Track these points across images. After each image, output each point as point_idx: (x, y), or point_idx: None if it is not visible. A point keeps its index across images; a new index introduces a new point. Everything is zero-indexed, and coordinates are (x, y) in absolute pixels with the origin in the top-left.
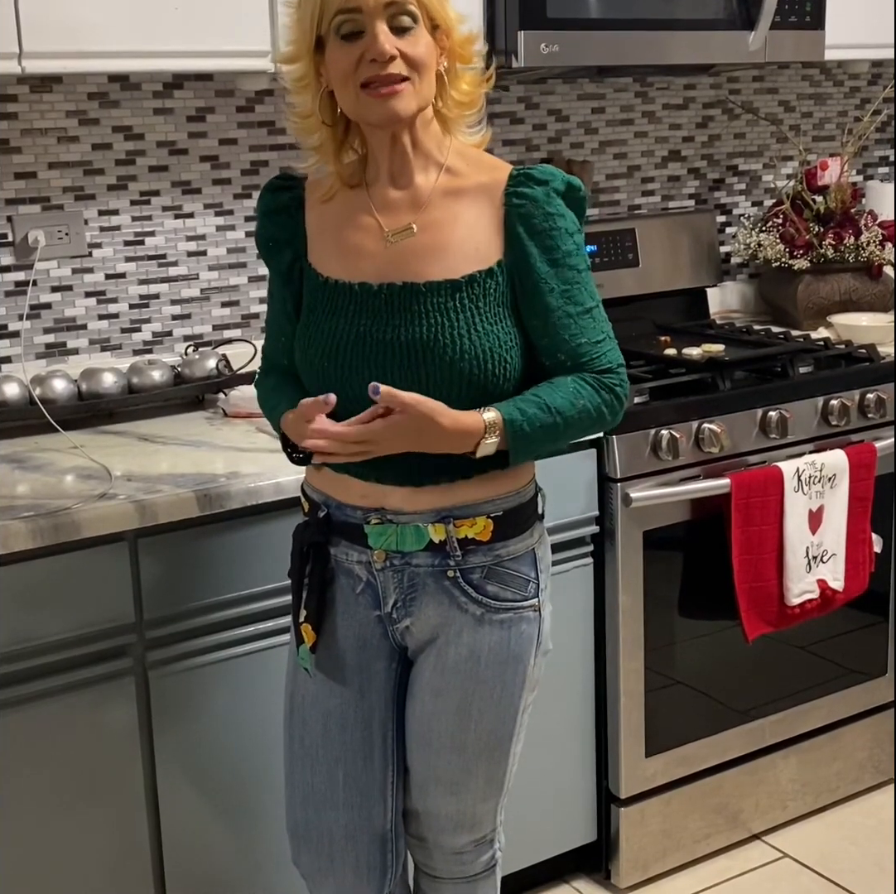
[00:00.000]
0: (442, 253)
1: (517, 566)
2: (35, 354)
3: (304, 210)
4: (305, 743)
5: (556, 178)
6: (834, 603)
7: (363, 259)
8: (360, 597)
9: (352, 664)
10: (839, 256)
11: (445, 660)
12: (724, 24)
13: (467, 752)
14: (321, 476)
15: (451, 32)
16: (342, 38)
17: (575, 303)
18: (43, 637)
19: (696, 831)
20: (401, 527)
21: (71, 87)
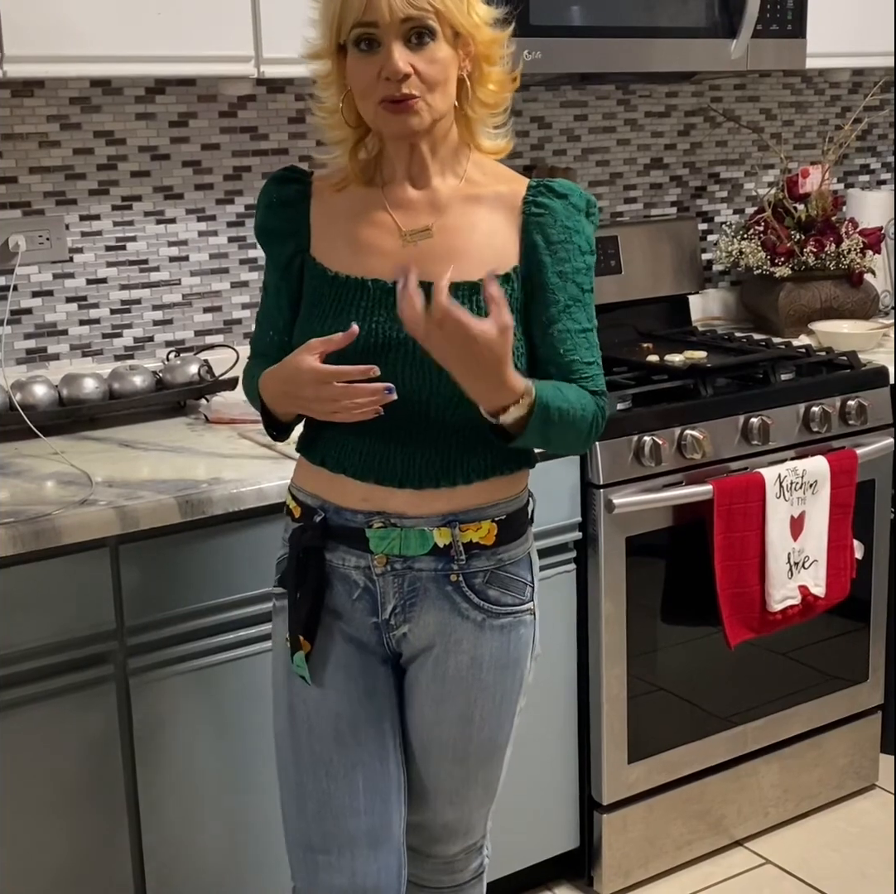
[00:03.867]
0: (459, 257)
1: (517, 570)
2: (15, 360)
3: (309, 203)
4: (316, 750)
5: (575, 192)
6: (815, 609)
7: (376, 256)
8: (356, 604)
9: (356, 666)
10: (820, 264)
11: (445, 668)
12: (707, 32)
13: (469, 761)
14: (316, 478)
15: (475, 35)
16: (361, 51)
17: (574, 321)
18: (23, 643)
19: (679, 837)
20: (405, 531)
21: (52, 91)
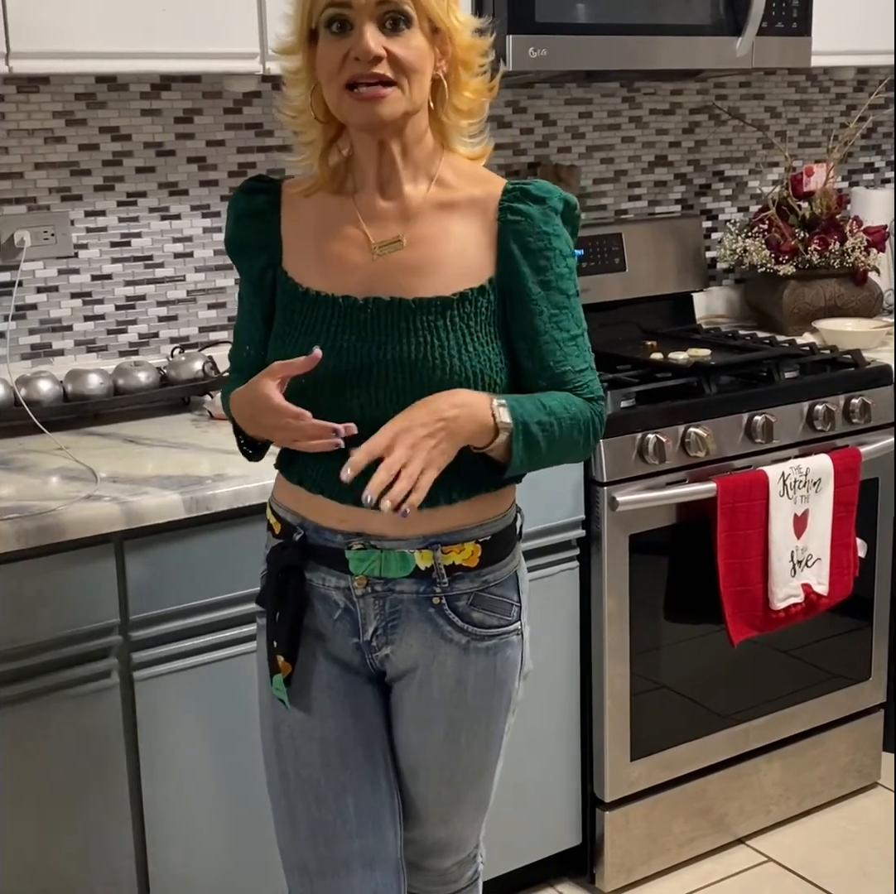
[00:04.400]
0: (432, 269)
1: (502, 591)
2: (20, 355)
3: (279, 214)
4: (303, 775)
5: (554, 195)
6: (818, 607)
7: (347, 271)
8: (337, 624)
9: (340, 688)
10: (824, 262)
11: (430, 690)
12: (712, 29)
13: (456, 782)
14: (295, 496)
15: (455, 37)
16: (332, 33)
17: (561, 329)
18: (28, 638)
19: (681, 835)
20: (385, 554)
21: (58, 87)
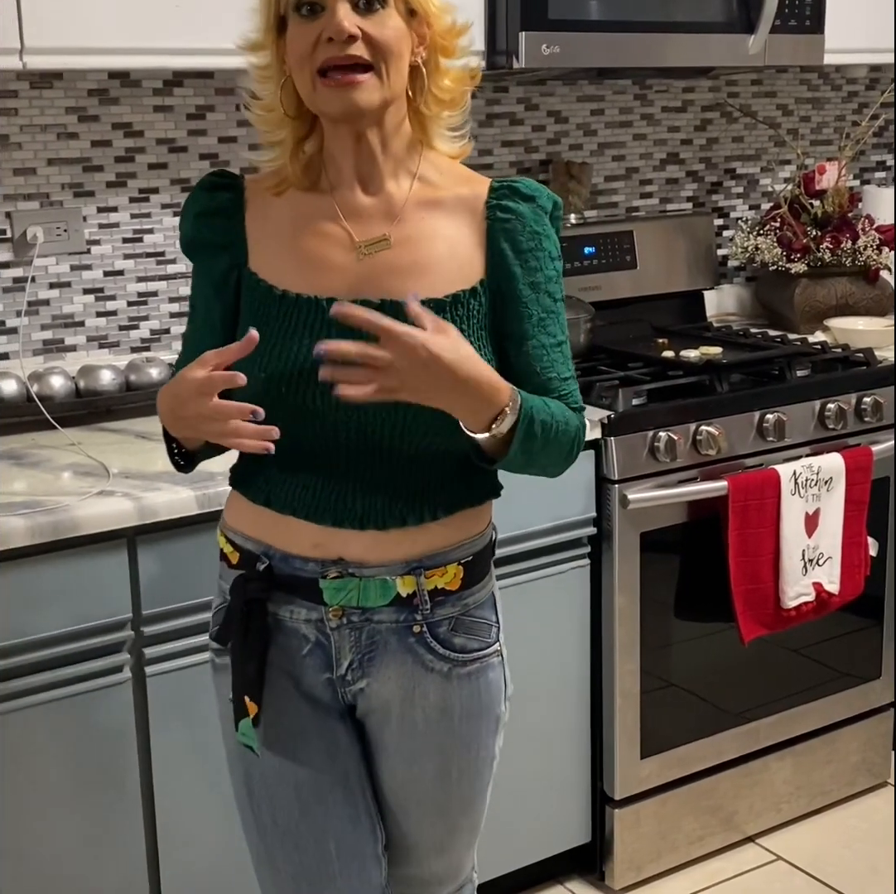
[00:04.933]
0: (422, 270)
1: (482, 612)
2: (33, 351)
3: (243, 212)
4: (280, 822)
5: (542, 194)
6: (829, 606)
7: (329, 272)
8: (306, 660)
9: (311, 728)
10: (836, 260)
11: (414, 723)
12: (724, 27)
13: (451, 814)
14: (257, 520)
15: (433, 21)
16: (301, 16)
17: (549, 334)
18: (40, 633)
19: (691, 833)
20: (364, 581)
21: (71, 83)
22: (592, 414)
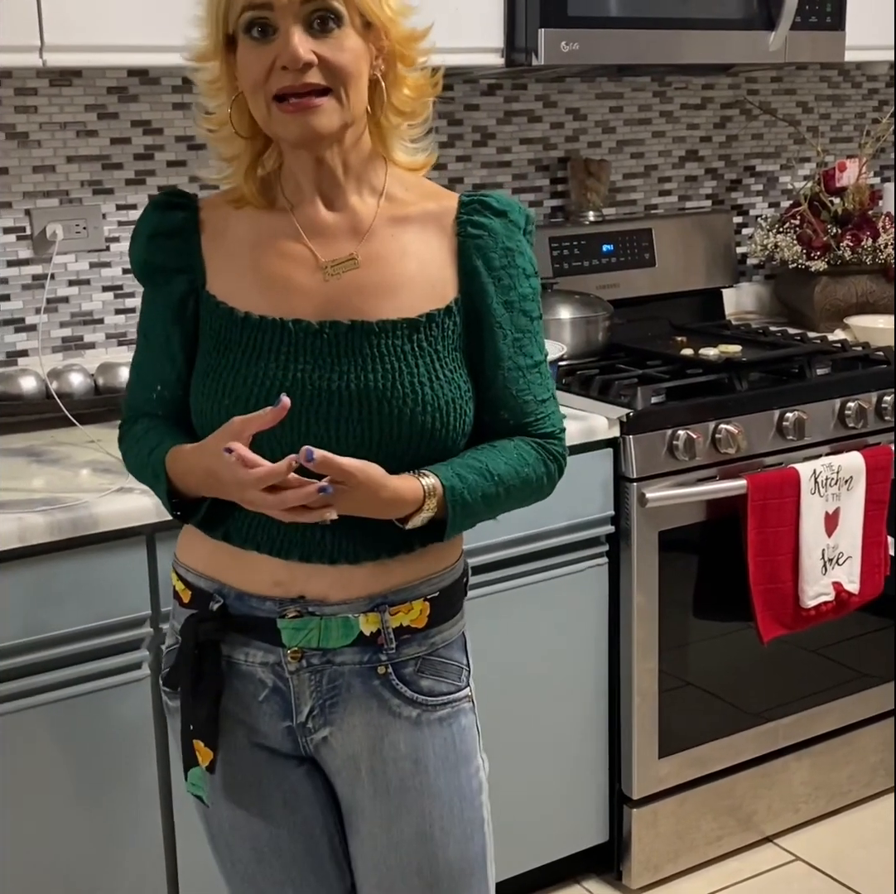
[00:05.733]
0: (393, 289)
1: (450, 653)
2: (52, 348)
3: (199, 233)
4: (239, 869)
5: (514, 209)
6: (849, 605)
7: (294, 293)
8: (263, 706)
9: (268, 779)
10: (856, 258)
11: (387, 779)
12: (744, 24)
13: (442, 885)
14: (211, 556)
15: (390, 29)
16: (252, 38)
17: (525, 355)
18: (59, 629)
19: (709, 833)
20: (325, 621)
21: (90, 81)
22: (611, 412)
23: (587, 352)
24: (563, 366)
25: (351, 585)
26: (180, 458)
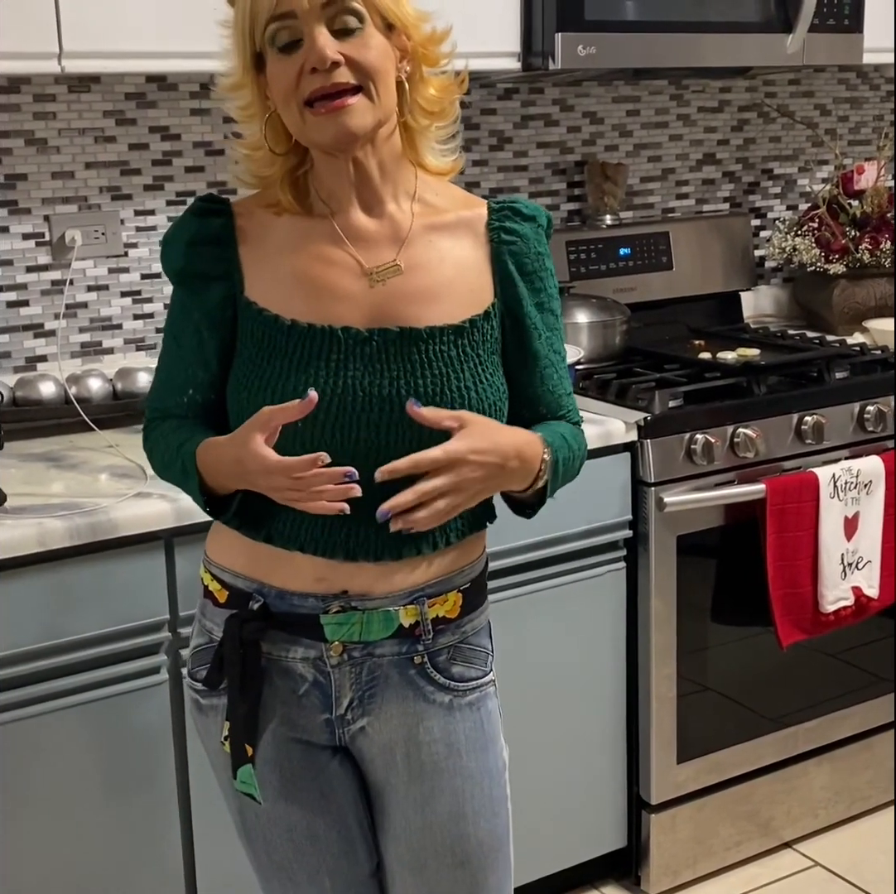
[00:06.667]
0: (436, 296)
1: (478, 640)
2: (71, 353)
3: (236, 238)
4: (275, 859)
5: (541, 213)
6: (868, 610)
7: (340, 300)
8: (303, 700)
9: (305, 772)
10: (875, 261)
11: (421, 762)
12: (762, 26)
13: (472, 864)
14: (250, 556)
15: (412, 32)
16: (280, 51)
17: (555, 352)
18: (78, 634)
19: (727, 838)
20: (367, 614)
21: (109, 87)
22: (629, 416)
23: (604, 356)
24: (581, 369)
25: (393, 580)
26: (210, 449)
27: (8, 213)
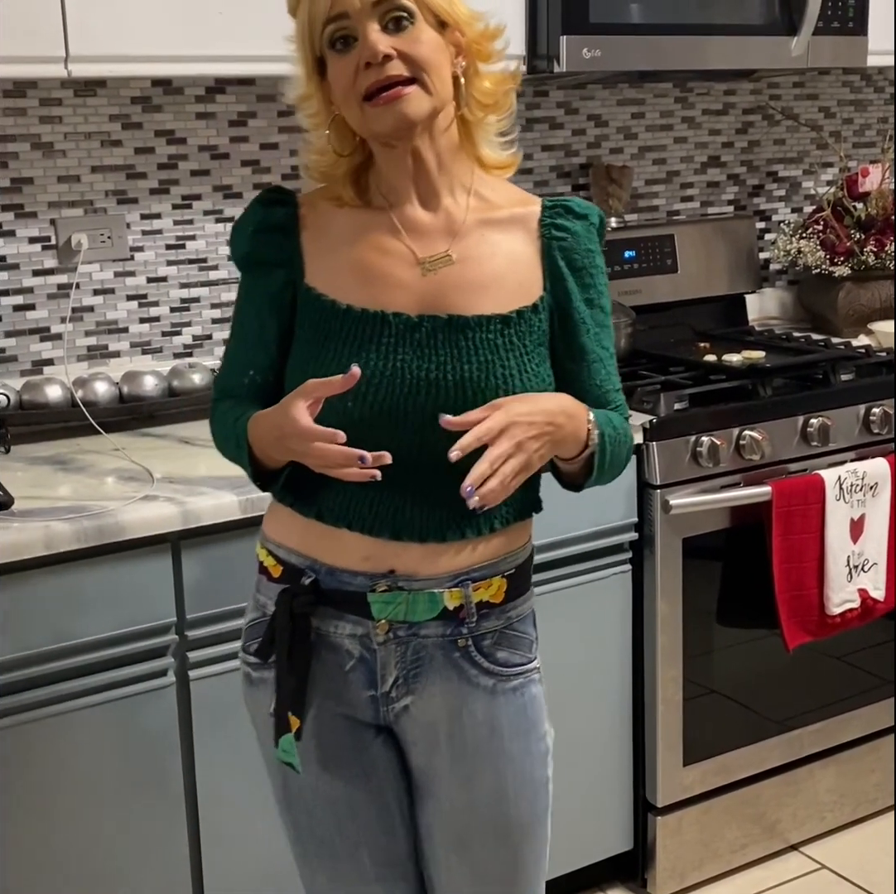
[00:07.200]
0: (485, 287)
1: (523, 627)
2: (77, 357)
3: (299, 227)
4: (317, 833)
5: (593, 212)
6: (875, 612)
7: (393, 288)
8: (349, 676)
9: (349, 748)
10: (880, 263)
11: (464, 744)
12: (766, 29)
13: (512, 842)
14: (303, 533)
15: (465, 29)
16: (337, 51)
17: (604, 347)
18: (85, 636)
19: (734, 841)
20: (412, 595)
21: (114, 91)
22: (634, 418)
23: None
24: None
25: (438, 562)
26: (259, 419)
27: (14, 217)
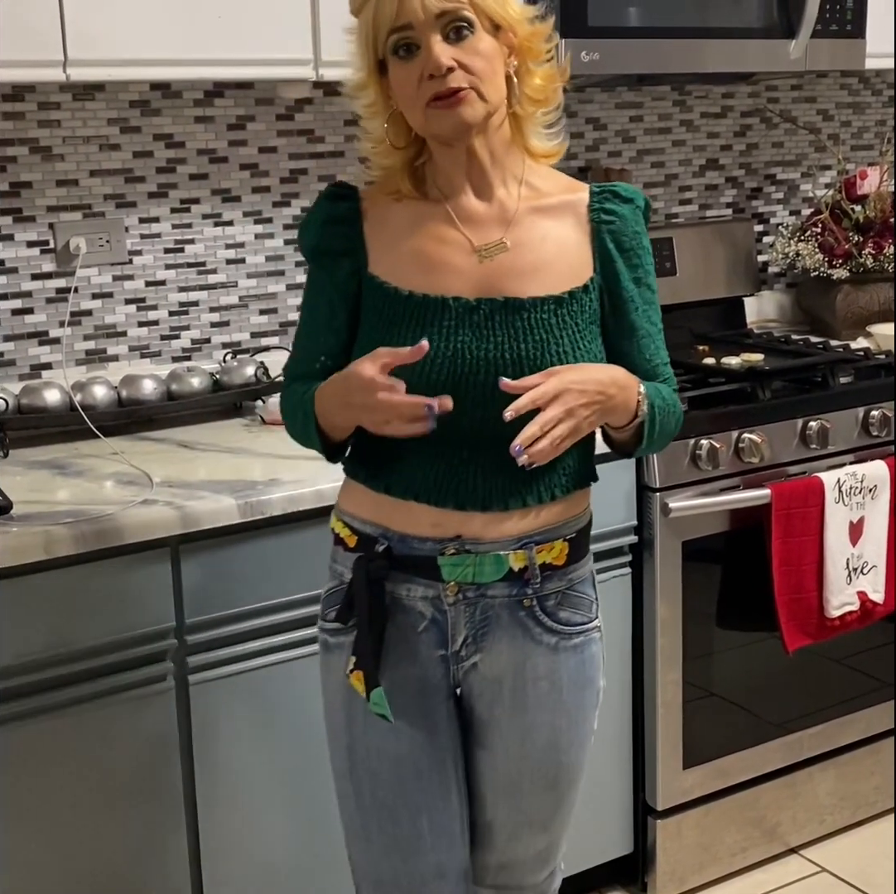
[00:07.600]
0: (538, 270)
1: (584, 589)
2: (75, 361)
3: (361, 220)
4: (379, 795)
5: (639, 196)
6: (874, 615)
7: (451, 274)
8: (422, 636)
9: (416, 707)
10: (878, 266)
11: (524, 698)
12: (765, 32)
13: (560, 787)
14: (374, 505)
15: (517, 29)
16: (400, 58)
17: (652, 324)
18: (84, 641)
19: (733, 844)
20: (479, 557)
21: (113, 95)
22: None
23: None
24: None
25: (502, 527)
26: (325, 387)
27: (12, 221)
